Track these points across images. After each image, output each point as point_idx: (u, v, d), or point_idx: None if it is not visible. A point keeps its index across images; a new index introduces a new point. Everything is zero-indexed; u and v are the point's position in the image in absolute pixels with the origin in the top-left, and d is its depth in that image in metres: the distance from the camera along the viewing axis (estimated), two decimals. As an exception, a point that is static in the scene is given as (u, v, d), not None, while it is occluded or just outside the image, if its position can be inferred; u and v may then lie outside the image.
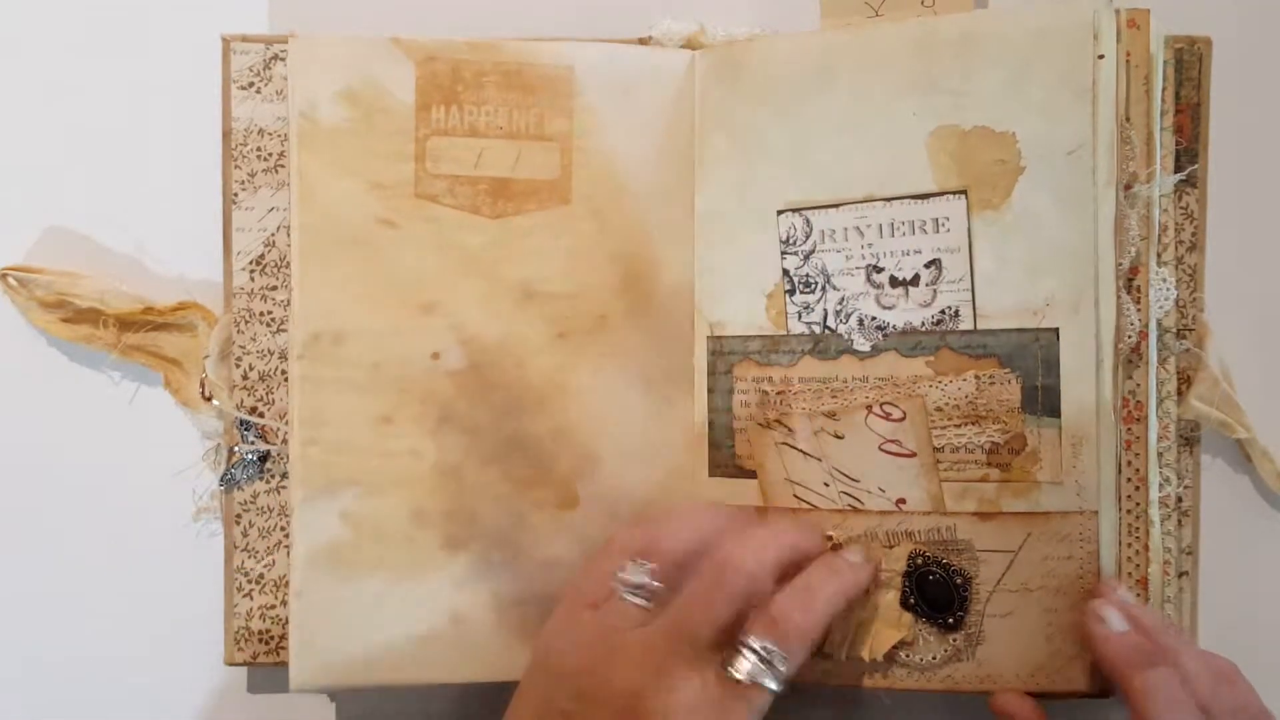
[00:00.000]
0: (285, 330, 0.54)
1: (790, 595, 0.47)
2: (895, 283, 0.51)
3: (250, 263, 0.54)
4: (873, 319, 0.51)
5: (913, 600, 0.50)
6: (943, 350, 0.50)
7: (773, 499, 0.53)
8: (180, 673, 0.57)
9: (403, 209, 0.52)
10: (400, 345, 0.52)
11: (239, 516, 0.55)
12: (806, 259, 0.52)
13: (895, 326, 0.51)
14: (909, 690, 0.50)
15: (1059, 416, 0.48)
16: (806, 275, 0.52)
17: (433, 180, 0.53)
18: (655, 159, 0.54)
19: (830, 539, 0.51)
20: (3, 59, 0.57)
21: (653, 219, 0.54)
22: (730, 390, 0.54)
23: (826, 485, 0.52)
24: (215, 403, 0.55)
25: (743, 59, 0.53)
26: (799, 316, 0.52)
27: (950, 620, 0.49)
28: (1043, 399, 0.48)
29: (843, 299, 0.52)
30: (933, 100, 0.50)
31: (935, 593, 0.50)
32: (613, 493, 0.53)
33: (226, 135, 0.54)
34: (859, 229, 0.51)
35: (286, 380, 0.54)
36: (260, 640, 0.54)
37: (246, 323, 0.54)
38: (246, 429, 0.54)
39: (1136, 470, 0.49)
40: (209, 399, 0.55)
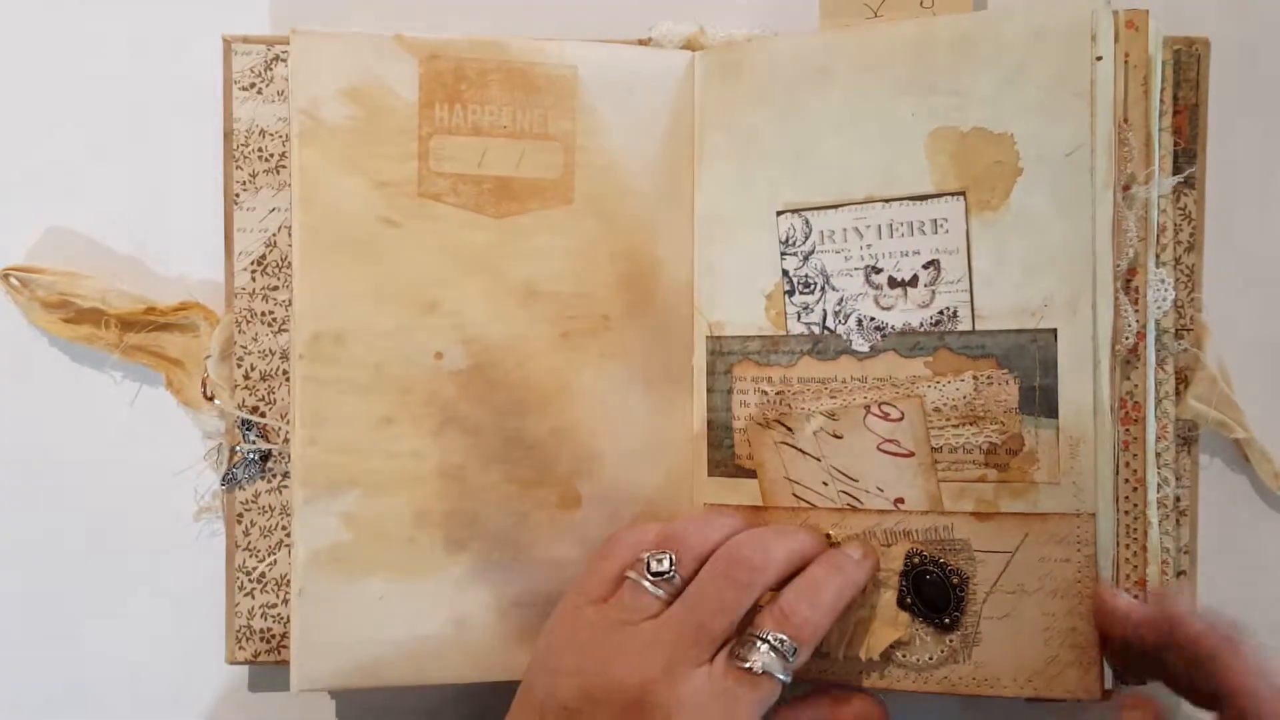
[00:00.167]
0: (287, 330, 0.54)
1: (797, 590, 0.47)
2: (894, 283, 0.51)
3: (252, 263, 0.54)
4: (871, 319, 0.51)
5: (910, 600, 0.50)
6: (941, 351, 0.50)
7: (772, 498, 0.53)
8: (181, 672, 0.57)
9: (405, 208, 0.52)
10: (402, 345, 0.52)
11: (240, 516, 0.55)
12: (806, 260, 0.52)
13: (894, 327, 0.51)
14: (906, 691, 0.50)
15: (1056, 417, 0.48)
16: (806, 276, 0.52)
17: (436, 179, 0.52)
18: (657, 159, 0.54)
19: (830, 538, 0.51)
20: (3, 59, 0.57)
21: (654, 219, 0.54)
22: (730, 390, 0.54)
23: (825, 485, 0.52)
24: (217, 402, 0.55)
25: (742, 60, 0.53)
26: (798, 317, 0.53)
27: (946, 620, 0.49)
28: (1040, 400, 0.48)
29: (842, 299, 0.52)
30: (931, 101, 0.50)
31: (932, 592, 0.50)
32: (614, 493, 0.53)
33: (228, 136, 0.54)
34: (858, 230, 0.51)
35: (288, 380, 0.54)
36: (262, 639, 0.54)
37: (248, 323, 0.54)
38: (248, 429, 0.54)
39: (1134, 471, 0.49)
40: (210, 399, 0.55)
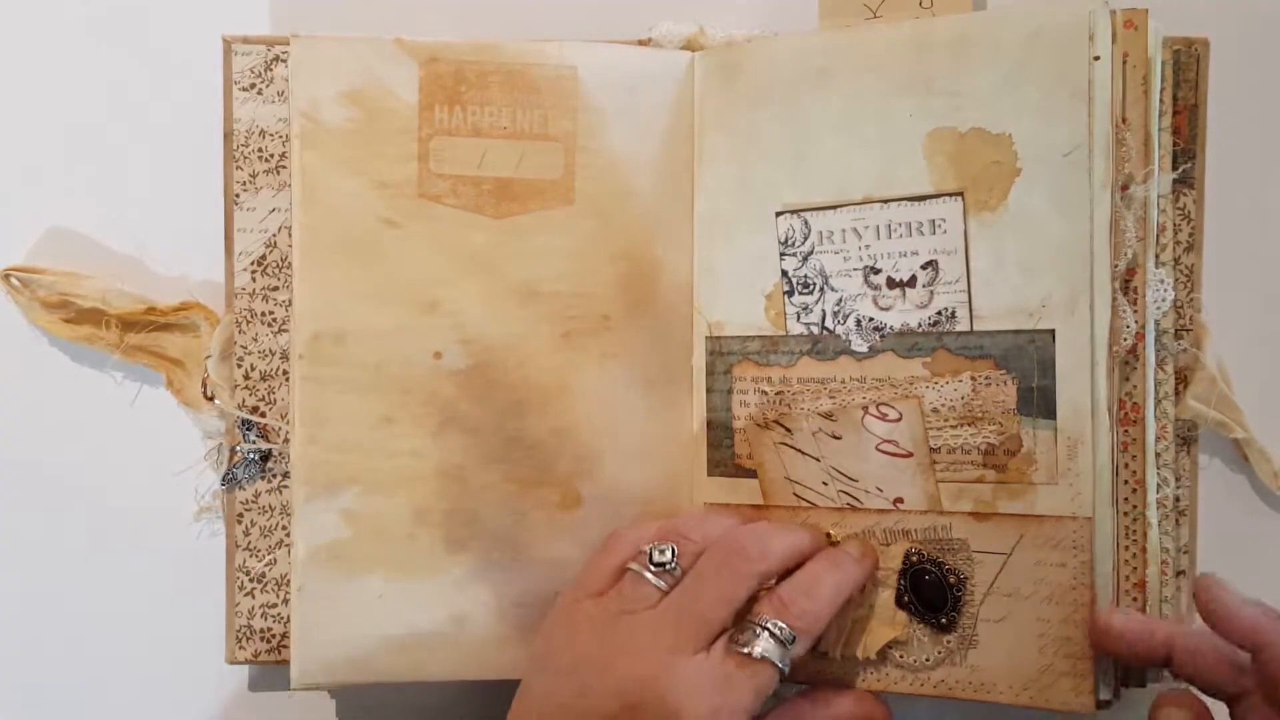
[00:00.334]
0: (287, 330, 0.54)
1: (795, 583, 0.47)
2: (892, 284, 0.51)
3: (252, 263, 0.55)
4: (870, 320, 0.51)
5: (907, 598, 0.50)
6: (939, 351, 0.50)
7: (772, 498, 0.53)
8: (181, 671, 0.57)
9: (406, 209, 0.52)
10: (402, 345, 0.52)
11: (240, 515, 0.55)
12: (805, 260, 0.52)
13: (892, 328, 0.51)
14: (903, 694, 0.50)
15: (1054, 418, 0.48)
16: (805, 276, 0.52)
17: (436, 180, 0.52)
18: (657, 159, 0.54)
19: (830, 537, 0.52)
20: (4, 59, 0.57)
21: (654, 219, 0.54)
22: (729, 390, 0.54)
23: (825, 484, 0.52)
24: (217, 402, 0.55)
25: (742, 60, 0.53)
26: (798, 317, 0.53)
27: (943, 620, 0.49)
28: (1038, 400, 0.48)
29: (840, 300, 0.52)
30: (930, 102, 0.50)
31: (930, 592, 0.50)
32: (614, 493, 0.53)
33: (228, 136, 0.54)
34: (857, 230, 0.51)
35: (288, 380, 0.54)
36: (262, 639, 0.55)
37: (248, 323, 0.55)
38: (248, 428, 0.55)
39: (1134, 473, 0.49)
40: (211, 399, 0.55)
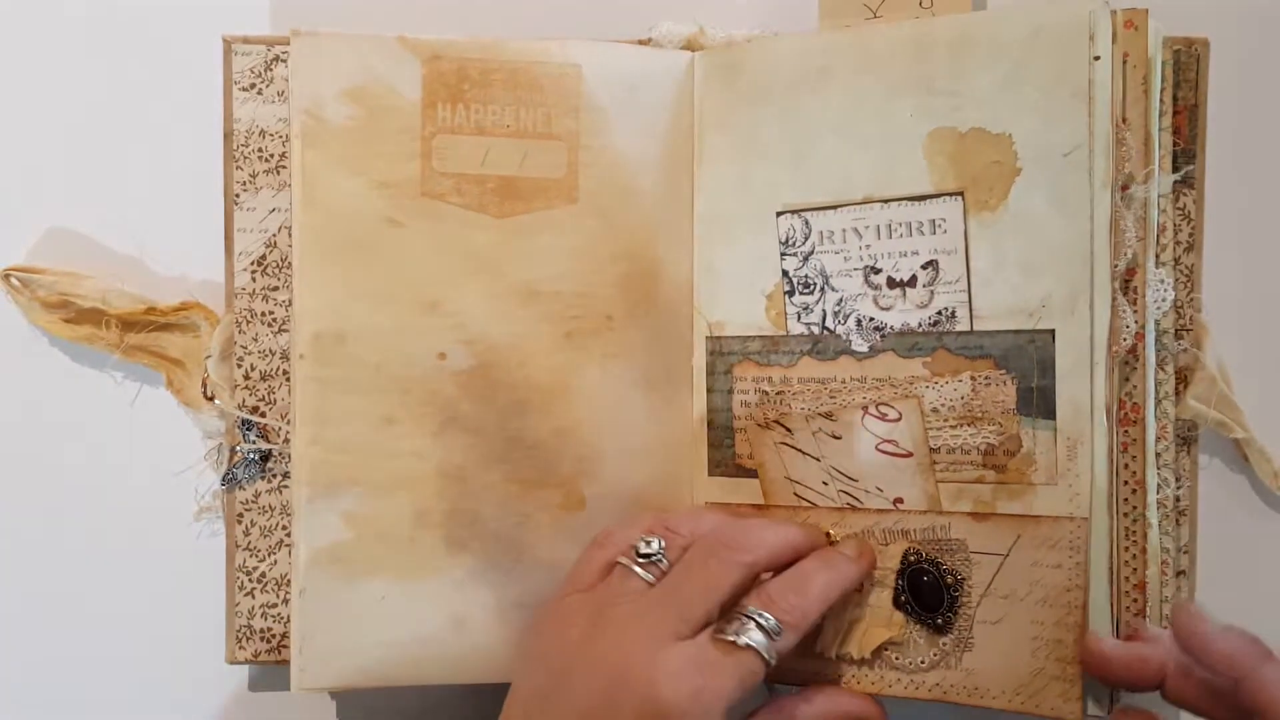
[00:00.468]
0: (287, 330, 0.54)
1: (785, 579, 0.47)
2: (893, 284, 0.51)
3: (252, 263, 0.54)
4: (870, 320, 0.51)
5: (904, 598, 0.50)
6: (939, 351, 0.50)
7: (773, 498, 0.53)
8: (181, 671, 0.57)
9: (408, 207, 0.52)
10: (404, 345, 0.52)
11: (241, 515, 0.55)
12: (805, 260, 0.52)
13: (893, 327, 0.51)
14: (897, 697, 0.50)
15: (1054, 418, 0.48)
16: (805, 276, 0.52)
17: (439, 179, 0.52)
18: (658, 159, 0.54)
19: (829, 536, 0.52)
20: (4, 59, 0.57)
21: (656, 219, 0.54)
22: (730, 390, 0.54)
23: (825, 484, 0.52)
24: (217, 402, 0.55)
25: (742, 60, 0.53)
26: (798, 317, 0.53)
27: (939, 620, 0.49)
28: (1038, 401, 0.48)
29: (841, 300, 0.52)
30: (930, 101, 0.50)
31: (927, 593, 0.50)
32: (616, 494, 0.53)
33: (228, 136, 0.54)
34: (857, 230, 0.51)
35: (288, 380, 0.54)
36: (262, 639, 0.55)
37: (248, 323, 0.55)
38: (248, 428, 0.55)
39: (1134, 473, 0.49)
40: (211, 399, 0.55)
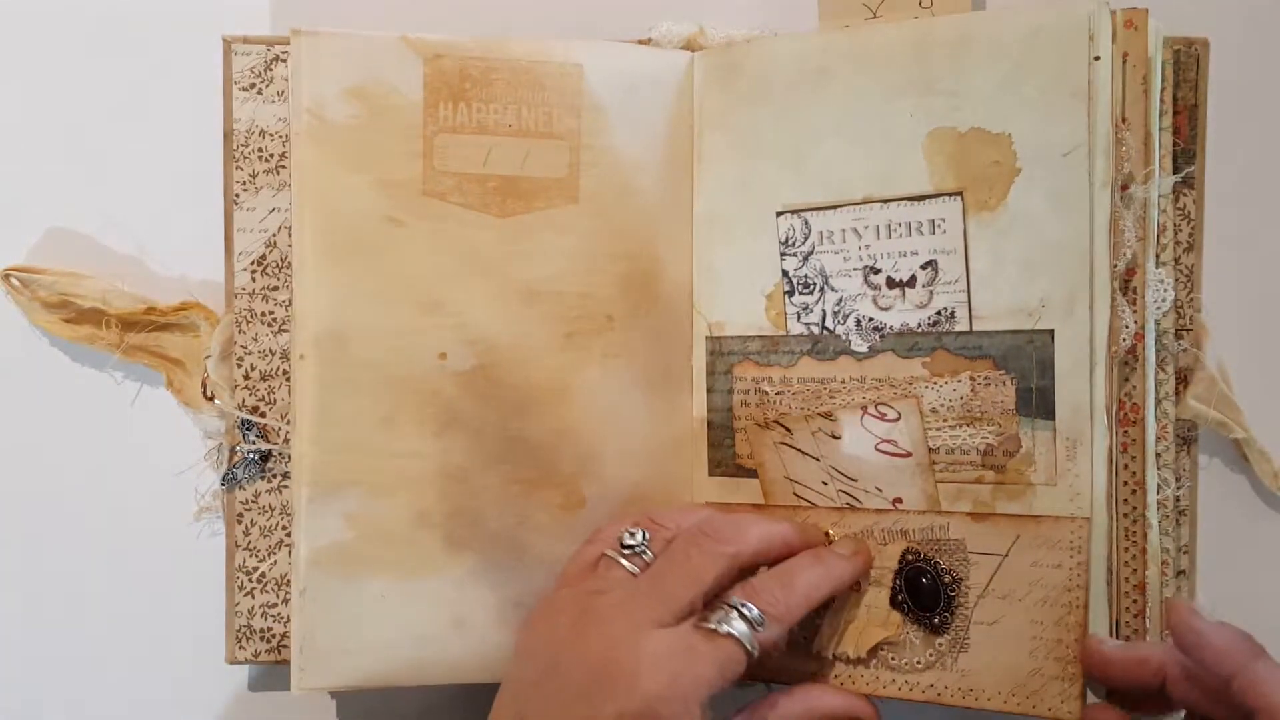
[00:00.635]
0: (287, 330, 0.54)
1: (772, 573, 0.48)
2: (892, 284, 0.51)
3: (252, 263, 0.54)
4: (870, 320, 0.51)
5: (901, 598, 0.50)
6: (939, 352, 0.50)
7: (773, 497, 0.53)
8: (181, 671, 0.57)
9: (410, 207, 0.52)
10: (405, 345, 0.52)
11: (240, 515, 0.55)
12: (805, 260, 0.52)
13: (892, 328, 0.51)
14: (891, 698, 0.50)
15: (1053, 419, 0.48)
16: (805, 276, 0.52)
17: (441, 178, 0.52)
18: (658, 159, 0.54)
19: (829, 536, 0.52)
20: (4, 59, 0.57)
21: (656, 219, 0.54)
22: (730, 390, 0.54)
23: (825, 484, 0.52)
24: (217, 402, 0.55)
25: (741, 60, 0.53)
26: (798, 317, 0.53)
27: (936, 620, 0.49)
28: (1037, 401, 0.48)
29: (840, 300, 0.52)
30: (929, 101, 0.50)
31: (924, 592, 0.50)
32: (616, 494, 0.53)
33: (228, 136, 0.54)
34: (856, 230, 0.51)
35: (288, 380, 0.54)
36: (262, 639, 0.55)
37: (248, 323, 0.55)
38: (248, 428, 0.55)
39: (1134, 474, 0.49)
40: (211, 399, 0.55)
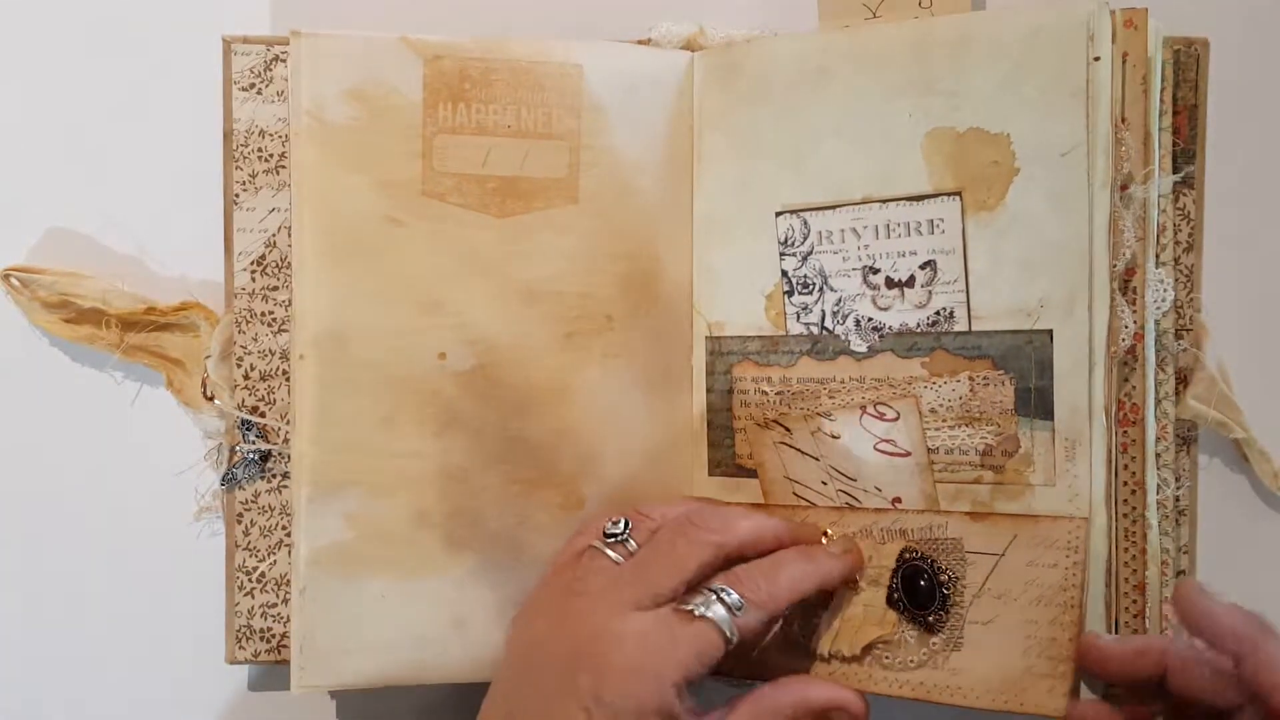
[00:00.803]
0: (286, 330, 0.54)
1: (757, 563, 0.48)
2: (891, 284, 0.51)
3: (251, 263, 0.55)
4: (869, 320, 0.51)
5: (897, 596, 0.50)
6: (938, 351, 0.50)
7: (773, 497, 0.53)
8: (181, 671, 0.57)
9: (410, 207, 0.52)
10: (404, 345, 0.52)
11: (240, 515, 0.55)
12: (805, 260, 0.52)
13: (891, 328, 0.51)
14: (878, 694, 0.49)
15: (1052, 419, 0.48)
16: (805, 276, 0.52)
17: (440, 178, 0.52)
18: (658, 159, 0.54)
19: (826, 535, 0.51)
20: (3, 59, 0.57)
21: (656, 219, 0.54)
22: (729, 390, 0.54)
23: (824, 484, 0.52)
24: (217, 402, 0.55)
25: (741, 60, 0.53)
26: (797, 317, 0.53)
27: (931, 619, 0.49)
28: (1036, 401, 0.48)
29: (840, 300, 0.52)
30: (928, 101, 0.50)
31: (921, 591, 0.49)
32: (615, 493, 0.53)
33: (227, 136, 0.54)
34: (855, 230, 0.51)
35: (288, 380, 0.54)
36: (262, 638, 0.55)
37: (248, 323, 0.55)
38: (248, 428, 0.55)
39: (1134, 474, 0.49)
40: (211, 399, 0.55)
